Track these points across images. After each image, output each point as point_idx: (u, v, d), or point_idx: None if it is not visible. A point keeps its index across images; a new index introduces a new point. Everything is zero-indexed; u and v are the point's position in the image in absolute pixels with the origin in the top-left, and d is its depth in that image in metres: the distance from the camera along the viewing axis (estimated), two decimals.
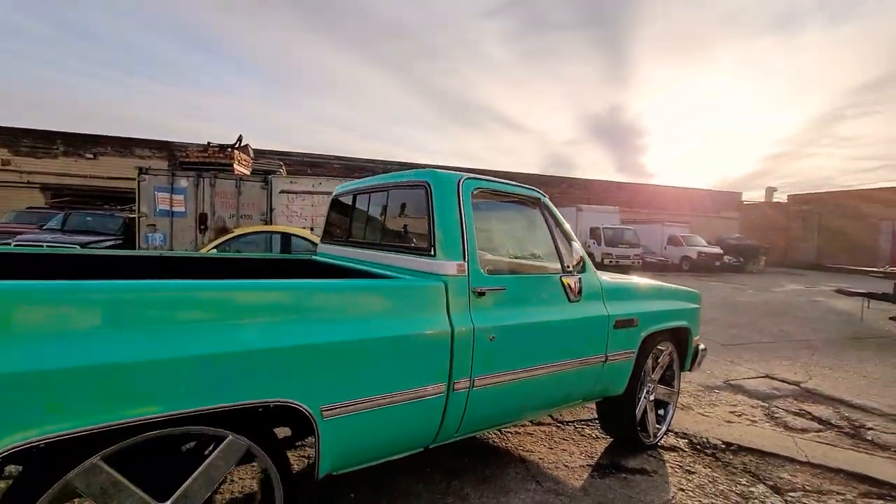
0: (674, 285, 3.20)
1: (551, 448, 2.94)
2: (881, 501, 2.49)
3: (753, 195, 30.60)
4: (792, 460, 2.91)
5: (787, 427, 3.44)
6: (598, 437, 3.14)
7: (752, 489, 2.56)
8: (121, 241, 9.82)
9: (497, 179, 2.30)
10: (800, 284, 15.58)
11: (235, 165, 9.55)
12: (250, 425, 1.49)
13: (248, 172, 10.24)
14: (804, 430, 3.39)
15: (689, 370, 3.28)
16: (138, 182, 8.67)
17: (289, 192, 9.65)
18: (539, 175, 25.87)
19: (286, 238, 7.33)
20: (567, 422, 3.38)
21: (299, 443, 2.51)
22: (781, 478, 2.69)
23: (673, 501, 2.39)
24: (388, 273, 2.21)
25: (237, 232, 7.25)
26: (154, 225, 8.74)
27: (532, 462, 2.74)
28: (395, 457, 1.93)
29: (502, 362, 2.05)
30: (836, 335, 6.95)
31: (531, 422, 3.29)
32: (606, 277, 2.72)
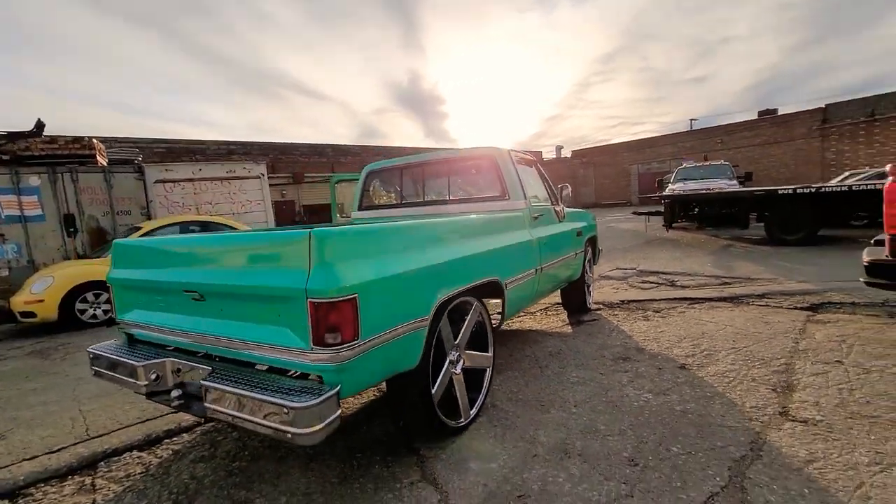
0: (584, 210, 5.13)
1: (543, 322, 4.62)
2: (697, 305, 4.87)
3: (546, 154, 37.75)
4: (652, 300, 5.19)
5: (641, 288, 5.83)
6: (560, 313, 4.94)
7: (642, 314, 4.67)
8: None
9: (520, 150, 3.71)
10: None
11: (98, 157, 8.38)
12: (478, 295, 2.68)
13: (105, 163, 9.01)
14: (650, 287, 5.82)
15: (595, 263, 5.32)
16: None
17: (166, 182, 9.00)
18: (352, 146, 26.01)
19: (206, 229, 7.24)
20: (536, 311, 5.11)
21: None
22: (651, 307, 4.91)
23: (614, 325, 4.32)
24: None
25: (147, 227, 6.88)
26: (2, 235, 7.27)
27: (540, 329, 4.37)
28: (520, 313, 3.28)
29: (547, 257, 3.55)
30: (637, 242, 10.46)
31: (527, 311, 4.91)
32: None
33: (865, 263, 3.11)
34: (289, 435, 1.57)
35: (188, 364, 2.07)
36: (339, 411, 1.65)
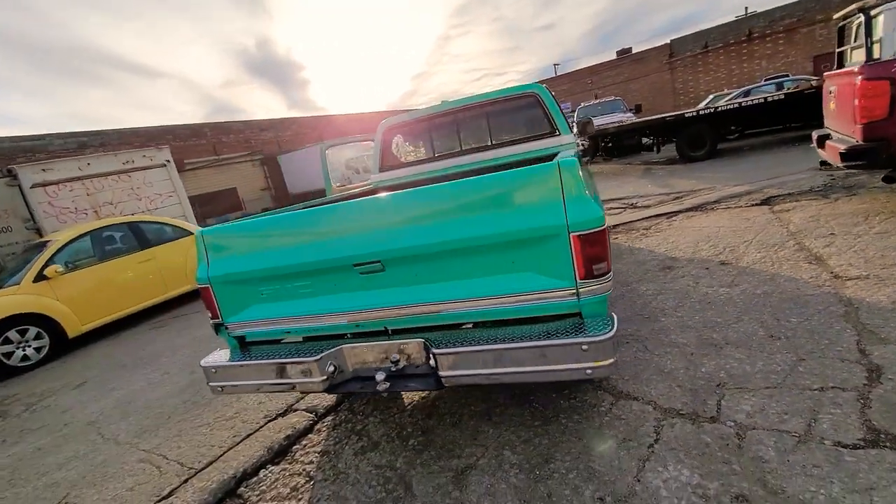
0: None
1: None
2: (675, 218, 5.50)
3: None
4: (633, 220, 5.74)
5: (610, 214, 6.40)
6: None
7: (637, 233, 5.17)
8: None
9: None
10: None
11: None
12: None
13: None
14: (619, 211, 6.42)
15: None
16: None
17: (47, 184, 7.31)
18: (234, 122, 23.65)
19: (136, 232, 6.16)
20: None
21: None
22: (639, 226, 5.44)
23: (626, 245, 4.73)
24: (517, 160, 3.43)
25: (61, 240, 5.62)
26: None
27: None
28: None
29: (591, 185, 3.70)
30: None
31: None
32: None
33: (842, 151, 3.81)
34: (588, 371, 1.54)
35: (395, 343, 1.84)
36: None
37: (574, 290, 1.63)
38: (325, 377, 1.88)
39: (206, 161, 19.05)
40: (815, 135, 4.73)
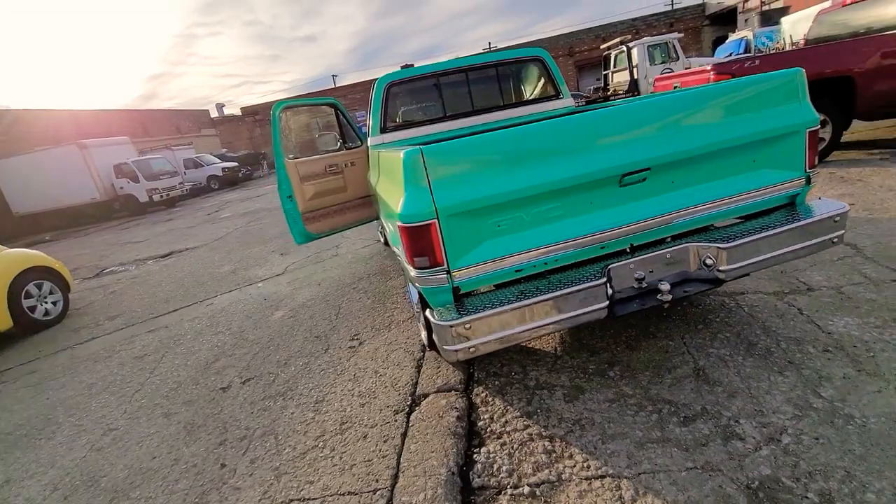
0: None
1: None
2: None
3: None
4: None
5: None
6: None
7: None
8: None
9: None
10: None
11: None
12: None
13: None
14: None
15: None
16: None
17: None
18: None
19: None
20: None
21: None
22: None
23: None
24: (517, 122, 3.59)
25: None
26: None
27: None
28: None
29: None
30: None
31: None
32: None
33: None
34: (834, 240, 1.87)
35: (670, 250, 1.80)
36: None
37: (805, 178, 1.94)
38: (606, 301, 1.70)
39: None
40: None
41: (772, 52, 11.52)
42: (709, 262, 1.79)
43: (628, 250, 1.89)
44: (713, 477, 1.51)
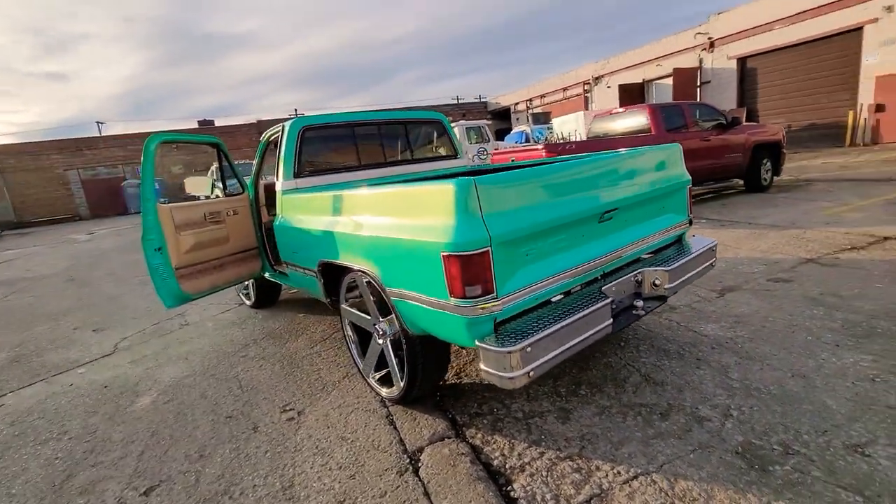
0: None
1: None
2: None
3: None
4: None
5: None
6: None
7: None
8: None
9: None
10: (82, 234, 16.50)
11: None
12: None
13: None
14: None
15: None
16: None
17: None
18: None
19: None
20: None
21: None
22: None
23: None
24: (432, 175, 3.88)
25: None
26: None
27: None
28: None
29: None
30: None
31: None
32: None
33: None
34: (713, 263, 2.61)
35: (635, 274, 2.20)
36: None
37: (688, 221, 2.66)
38: (611, 319, 1.97)
39: None
40: None
41: (553, 142, 14.95)
42: (657, 282, 2.27)
43: (600, 277, 2.23)
44: (712, 452, 1.85)
